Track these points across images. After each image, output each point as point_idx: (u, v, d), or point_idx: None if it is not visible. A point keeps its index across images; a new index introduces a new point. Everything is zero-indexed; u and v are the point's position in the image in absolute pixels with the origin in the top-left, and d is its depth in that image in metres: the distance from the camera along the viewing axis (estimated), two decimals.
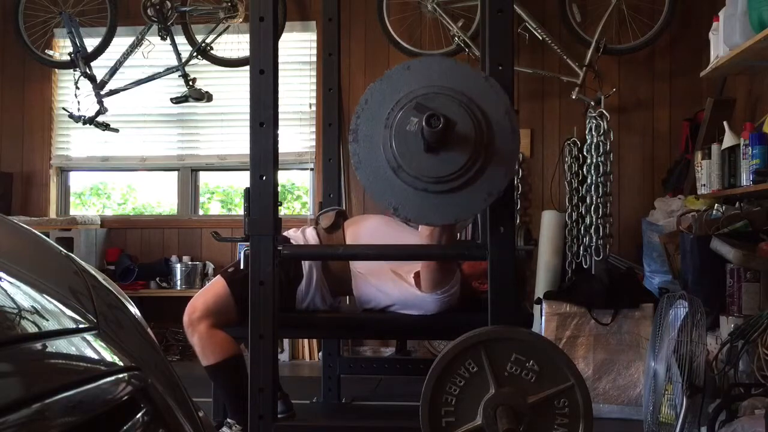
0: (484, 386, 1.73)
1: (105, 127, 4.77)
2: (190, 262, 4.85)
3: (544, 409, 1.73)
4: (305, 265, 2.75)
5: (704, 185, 3.66)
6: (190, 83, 4.69)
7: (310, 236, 2.82)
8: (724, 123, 3.58)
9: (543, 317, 3.33)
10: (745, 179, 3.20)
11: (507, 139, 1.86)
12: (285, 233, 2.82)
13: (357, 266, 2.78)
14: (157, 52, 4.84)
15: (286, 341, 4.70)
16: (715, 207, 3.49)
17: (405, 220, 2.44)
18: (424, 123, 1.76)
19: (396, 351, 4.72)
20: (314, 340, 4.71)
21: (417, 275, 2.68)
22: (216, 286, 2.71)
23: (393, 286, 2.72)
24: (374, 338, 4.73)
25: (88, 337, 0.86)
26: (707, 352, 2.50)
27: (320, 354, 3.99)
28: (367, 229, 2.83)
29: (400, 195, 1.88)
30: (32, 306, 0.82)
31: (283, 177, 5.18)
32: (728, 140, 3.43)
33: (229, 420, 2.67)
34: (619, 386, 3.24)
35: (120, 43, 4.81)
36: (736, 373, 2.57)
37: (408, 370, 3.51)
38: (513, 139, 1.87)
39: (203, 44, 4.70)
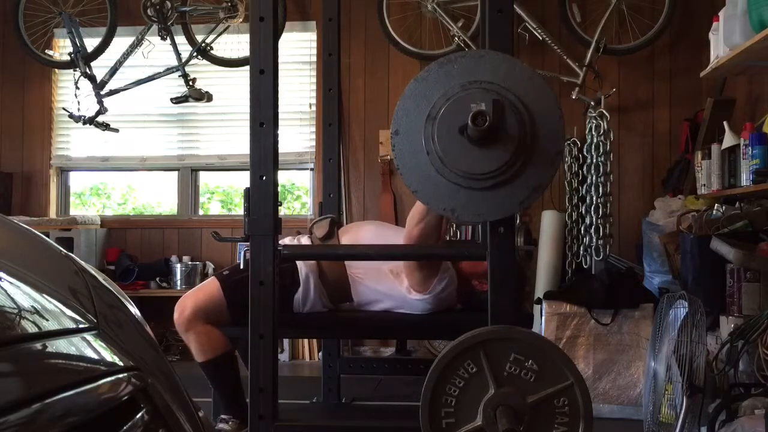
0: (483, 387, 1.72)
1: (105, 127, 4.77)
2: (190, 262, 4.85)
3: (543, 409, 1.73)
4: (302, 273, 2.75)
5: (704, 185, 3.66)
6: (190, 83, 4.69)
7: (308, 242, 2.83)
8: (724, 123, 3.58)
9: (543, 317, 3.33)
10: (745, 179, 3.20)
11: (552, 150, 1.84)
12: (280, 241, 2.83)
13: (354, 271, 2.78)
14: (157, 52, 4.84)
15: (286, 341, 4.70)
16: (715, 207, 3.49)
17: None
18: (469, 119, 1.75)
19: (396, 351, 4.72)
20: (314, 340, 4.71)
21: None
22: (209, 287, 2.73)
23: (392, 286, 2.74)
24: (374, 338, 4.73)
25: (88, 337, 0.86)
26: (707, 352, 2.50)
27: (320, 354, 3.99)
28: (362, 235, 2.84)
29: (426, 178, 1.87)
30: (32, 306, 0.82)
31: (283, 177, 5.18)
32: (728, 140, 3.43)
33: (224, 416, 2.69)
34: (619, 386, 3.24)
35: (120, 43, 4.81)
36: (736, 373, 2.57)
37: (408, 370, 3.50)
38: (556, 154, 1.85)
39: (203, 44, 4.70)
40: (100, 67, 4.82)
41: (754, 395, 2.38)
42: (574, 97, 4.27)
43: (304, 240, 2.87)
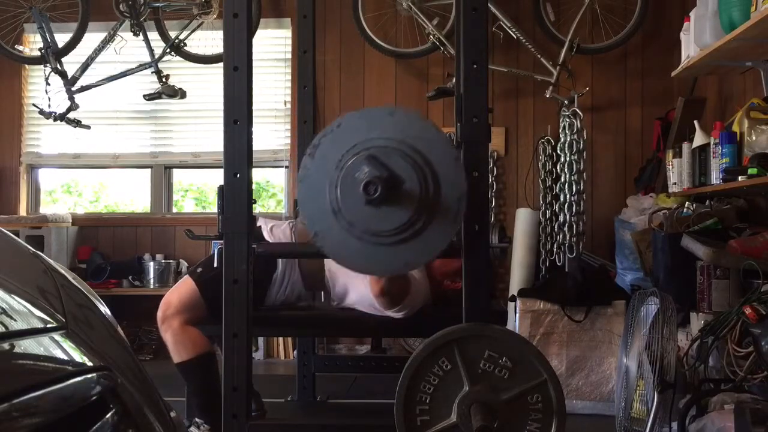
0: (458, 384, 1.73)
1: (76, 123, 4.70)
2: (163, 261, 4.80)
3: (517, 406, 1.74)
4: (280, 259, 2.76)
5: (675, 183, 3.70)
6: (164, 80, 4.64)
7: (288, 230, 2.83)
8: (695, 122, 3.63)
9: (517, 314, 3.35)
10: (715, 178, 3.24)
11: (454, 207, 1.80)
12: (274, 224, 2.82)
13: (331, 262, 2.77)
14: (130, 48, 4.79)
15: (260, 339, 4.68)
16: (686, 205, 3.54)
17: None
18: (361, 188, 1.72)
19: (371, 349, 4.72)
20: (289, 339, 4.70)
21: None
22: (186, 285, 2.70)
23: (363, 286, 2.72)
24: (349, 336, 4.73)
25: (57, 336, 0.85)
26: (678, 348, 2.53)
27: (295, 352, 3.98)
28: None
29: (327, 224, 1.83)
30: None
31: (258, 175, 5.15)
32: (698, 139, 3.47)
33: (197, 419, 2.65)
34: (592, 382, 3.27)
35: (91, 38, 4.74)
36: (706, 368, 2.60)
37: (383, 368, 3.51)
38: (459, 207, 1.81)
39: (176, 40, 4.65)
40: (71, 62, 4.74)
41: (723, 390, 2.41)
42: (548, 96, 4.30)
43: (284, 227, 2.86)
